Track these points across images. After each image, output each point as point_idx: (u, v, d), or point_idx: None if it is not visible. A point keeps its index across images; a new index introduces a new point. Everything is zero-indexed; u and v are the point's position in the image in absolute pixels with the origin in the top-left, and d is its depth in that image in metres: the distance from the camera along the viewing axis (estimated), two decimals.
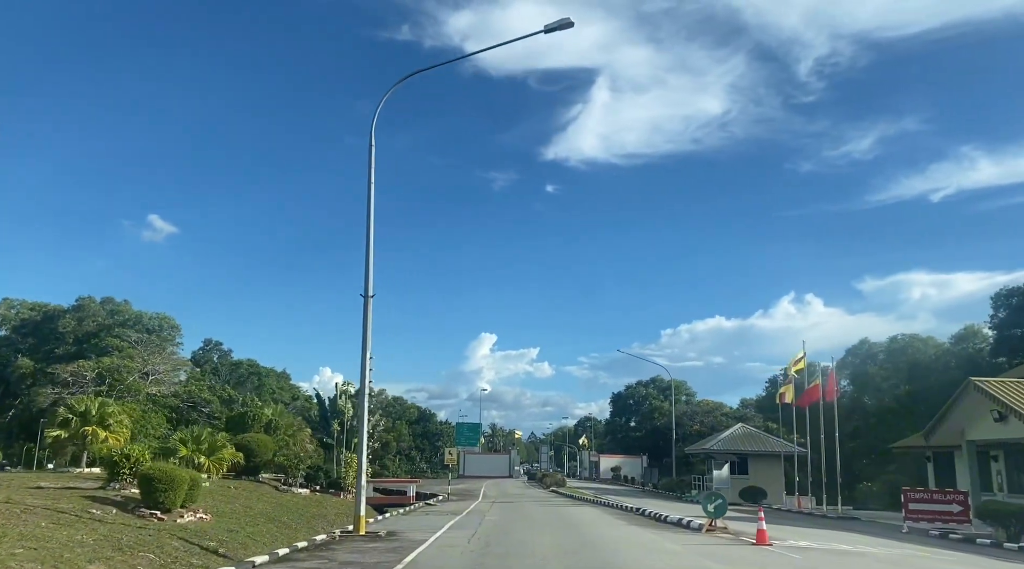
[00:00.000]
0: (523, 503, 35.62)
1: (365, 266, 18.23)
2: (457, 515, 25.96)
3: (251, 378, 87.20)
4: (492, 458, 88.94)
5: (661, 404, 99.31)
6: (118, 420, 28.81)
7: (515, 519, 24.95)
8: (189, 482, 19.71)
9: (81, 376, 48.63)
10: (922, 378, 56.92)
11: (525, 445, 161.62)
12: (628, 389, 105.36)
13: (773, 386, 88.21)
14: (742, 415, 77.69)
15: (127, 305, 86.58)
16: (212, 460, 26.29)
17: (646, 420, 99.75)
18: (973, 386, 26.55)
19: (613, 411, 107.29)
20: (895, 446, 38.93)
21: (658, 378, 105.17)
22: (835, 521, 29.09)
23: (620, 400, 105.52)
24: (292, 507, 26.84)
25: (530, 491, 51.01)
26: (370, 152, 18.37)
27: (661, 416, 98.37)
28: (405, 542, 16.41)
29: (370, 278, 18.18)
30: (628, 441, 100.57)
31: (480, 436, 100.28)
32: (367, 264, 18.22)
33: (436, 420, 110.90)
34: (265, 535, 19.98)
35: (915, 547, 18.05)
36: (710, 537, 18.07)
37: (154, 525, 17.79)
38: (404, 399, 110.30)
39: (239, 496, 26.03)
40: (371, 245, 18.28)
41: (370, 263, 18.22)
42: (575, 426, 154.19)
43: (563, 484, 55.12)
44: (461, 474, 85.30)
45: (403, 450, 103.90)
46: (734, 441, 47.30)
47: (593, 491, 50.93)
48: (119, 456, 21.45)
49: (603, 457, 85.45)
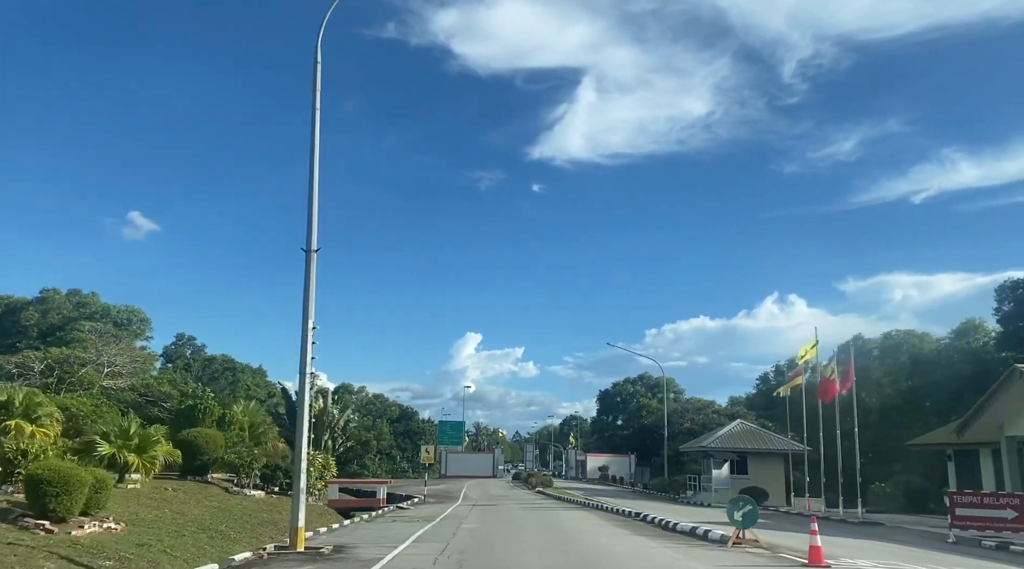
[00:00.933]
0: (507, 506, 31.80)
1: (308, 215, 14.35)
2: (429, 522, 22.03)
3: (225, 374, 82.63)
4: (475, 457, 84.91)
5: (649, 402, 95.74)
6: (48, 413, 24.53)
7: (497, 527, 21.12)
8: (93, 484, 15.72)
9: (28, 368, 44.18)
10: (925, 374, 53.74)
11: (510, 444, 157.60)
12: (615, 387, 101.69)
13: (765, 383, 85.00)
14: (734, 413, 74.16)
15: (95, 297, 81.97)
16: (144, 458, 22.18)
17: (633, 418, 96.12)
18: (1019, 373, 23.09)
19: (600, 409, 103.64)
20: (913, 443, 35.45)
21: (646, 375, 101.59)
22: (859, 527, 25.41)
23: (607, 398, 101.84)
24: (239, 513, 22.82)
25: (515, 492, 47.16)
26: (315, 71, 14.44)
27: (649, 414, 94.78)
28: (351, 563, 12.49)
29: (314, 229, 14.29)
30: (615, 440, 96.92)
31: (464, 435, 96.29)
32: (310, 213, 14.34)
33: (418, 419, 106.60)
34: (189, 548, 15.97)
35: (995, 565, 14.39)
36: (741, 553, 14.25)
37: (34, 540, 13.77)
38: (385, 397, 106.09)
39: (174, 500, 21.94)
40: (315, 189, 14.40)
41: (314, 211, 14.34)
42: (560, 425, 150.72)
43: (550, 484, 51.41)
44: (443, 474, 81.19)
45: (384, 449, 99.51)
46: (733, 438, 43.65)
47: (582, 492, 47.15)
48: (14, 452, 17.42)
49: (590, 456, 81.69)
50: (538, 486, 49.23)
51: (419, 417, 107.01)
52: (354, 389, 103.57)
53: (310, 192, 14.30)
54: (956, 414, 47.41)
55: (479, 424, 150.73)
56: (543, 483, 50.50)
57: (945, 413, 49.35)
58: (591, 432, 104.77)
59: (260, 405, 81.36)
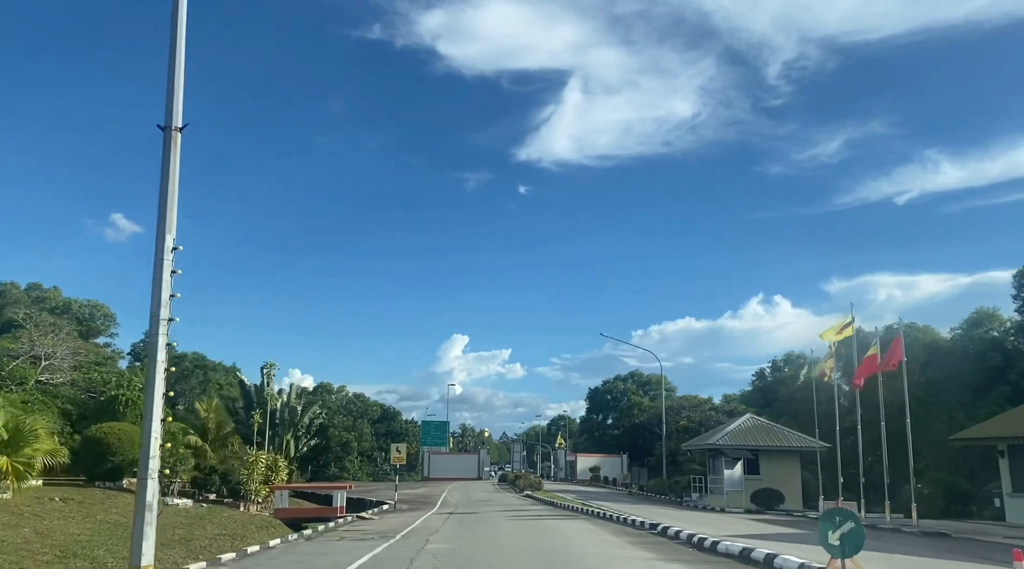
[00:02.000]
0: (491, 515, 26.52)
1: (169, 82, 9.08)
2: (387, 540, 16.71)
3: (196, 372, 76.77)
4: (460, 458, 79.52)
5: (641, 399, 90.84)
6: None
7: (474, 544, 15.93)
8: None
9: None
10: (942, 365, 49.13)
11: (497, 446, 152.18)
12: (605, 384, 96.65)
13: (761, 379, 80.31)
14: (731, 410, 69.51)
15: (56, 292, 76.11)
16: (15, 459, 16.78)
17: (624, 416, 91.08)
18: None
19: (589, 408, 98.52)
20: (957, 438, 30.52)
21: (637, 372, 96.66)
22: (925, 540, 20.32)
23: (597, 396, 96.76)
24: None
25: (501, 496, 42.01)
26: None
27: (641, 412, 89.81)
28: None
29: (177, 100, 9.01)
30: (606, 439, 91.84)
31: (448, 435, 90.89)
32: (171, 79, 9.06)
33: (401, 419, 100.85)
34: None
35: None
36: None
37: None
38: (367, 396, 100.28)
39: (48, 514, 16.52)
40: (179, 46, 9.14)
41: (178, 75, 9.07)
42: (548, 425, 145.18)
43: (539, 486, 46.24)
44: (426, 476, 75.81)
45: (365, 451, 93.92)
46: (743, 434, 38.63)
47: (575, 495, 42.03)
48: None
49: (580, 457, 76.52)
50: (526, 489, 44.15)
51: (402, 418, 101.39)
52: (333, 388, 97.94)
53: (172, 50, 9.09)
54: (982, 406, 42.97)
55: (465, 425, 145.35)
56: (532, 485, 45.39)
57: (969, 405, 44.82)
58: (580, 432, 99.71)
59: (230, 403, 75.94)
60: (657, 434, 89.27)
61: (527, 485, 44.95)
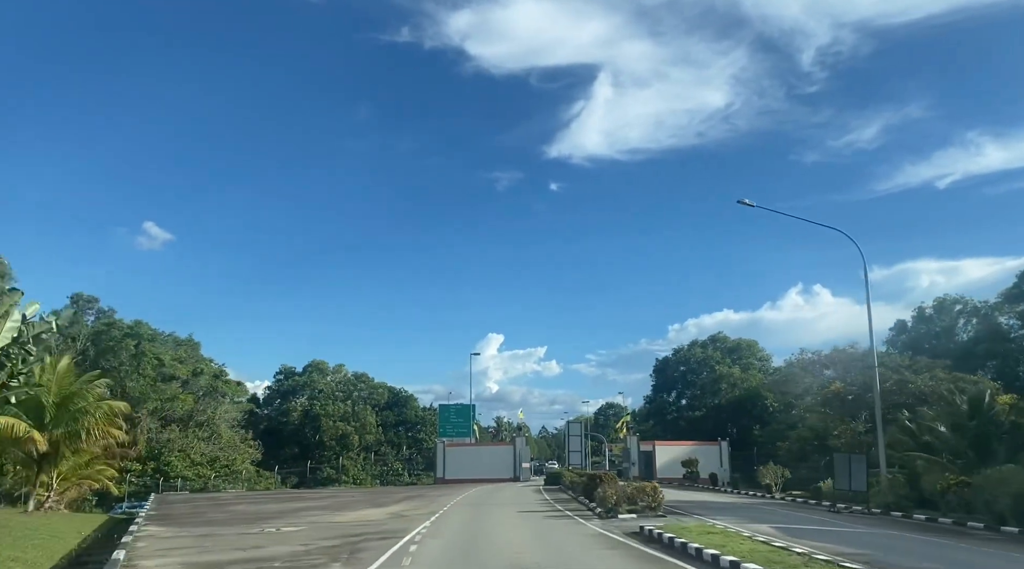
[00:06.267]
0: None
1: None
2: None
3: (125, 342, 54.34)
4: (487, 452, 55.39)
5: (729, 370, 65.88)
6: None
7: None
8: None
9: None
10: None
11: (536, 441, 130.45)
12: (677, 353, 71.89)
13: (901, 332, 55.89)
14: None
15: None
16: None
17: (706, 393, 66.38)
18: None
19: (656, 384, 73.76)
20: None
21: (720, 336, 71.68)
22: None
23: (667, 369, 72.08)
24: None
25: (559, 530, 18.10)
26: None
27: (731, 387, 65.05)
28: None
29: None
30: (679, 424, 67.38)
31: (473, 423, 67.07)
32: None
33: (416, 405, 77.57)
34: None
35: None
36: None
37: None
38: (370, 377, 76.97)
39: None
40: None
41: None
42: (596, 414, 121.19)
43: (656, 500, 20.85)
44: (441, 478, 52.20)
45: (369, 445, 70.71)
46: None
47: (730, 517, 18.00)
48: None
49: (660, 445, 51.80)
50: (619, 505, 19.50)
51: (417, 403, 77.98)
52: (328, 368, 74.87)
53: None
54: None
55: (500, 418, 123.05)
56: (632, 497, 19.82)
57: None
58: (646, 416, 74.90)
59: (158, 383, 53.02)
60: (756, 415, 64.52)
61: (618, 495, 20.06)
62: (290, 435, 69.42)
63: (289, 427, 69.69)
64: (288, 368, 74.80)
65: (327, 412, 68.80)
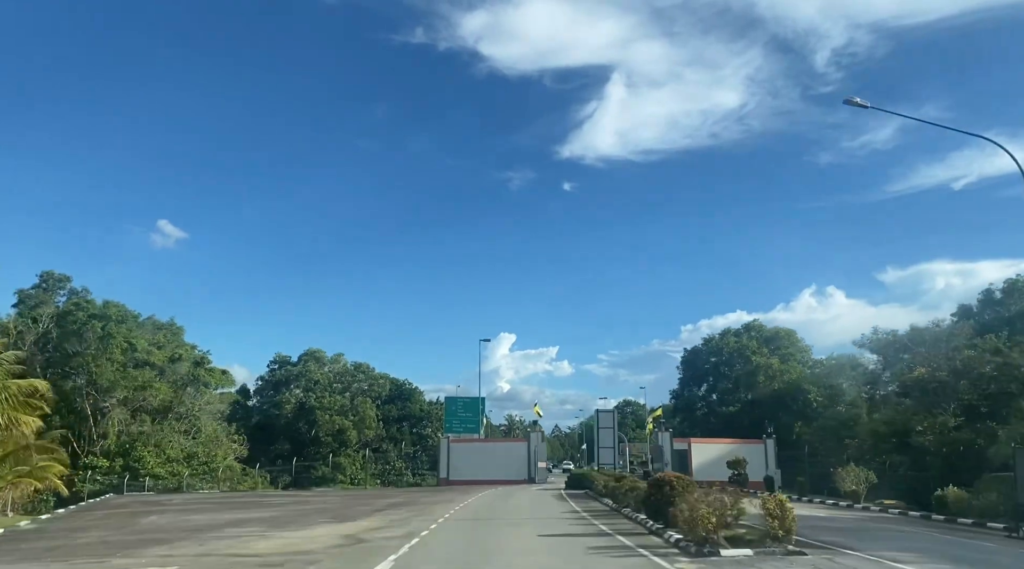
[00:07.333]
0: None
1: None
2: None
3: (91, 323, 48.31)
4: (499, 449, 48.86)
5: (768, 360, 58.98)
6: None
7: None
8: None
9: None
10: None
11: (550, 440, 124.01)
12: (708, 343, 65.05)
13: (966, 316, 48.88)
14: None
15: None
16: None
17: (742, 387, 59.57)
18: None
19: (683, 377, 66.93)
20: None
21: (756, 323, 64.77)
22: None
23: (696, 362, 65.27)
24: None
25: None
26: None
27: (769, 380, 58.14)
28: None
29: None
30: (710, 420, 60.64)
31: (482, 417, 60.61)
32: None
33: (421, 399, 71.14)
34: None
35: None
36: None
37: None
38: (370, 367, 70.64)
39: None
40: None
41: None
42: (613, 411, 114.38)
43: (782, 524, 12.64)
44: (444, 479, 45.71)
45: (369, 441, 64.33)
46: None
47: (900, 549, 11.56)
48: None
49: (696, 443, 44.99)
50: (719, 528, 12.39)
51: (422, 397, 71.52)
52: (325, 358, 68.61)
53: None
54: None
55: (512, 416, 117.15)
56: (722, 521, 12.31)
57: None
58: (671, 412, 68.05)
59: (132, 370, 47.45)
60: (797, 411, 57.59)
61: (721, 520, 12.21)
62: (283, 430, 63.19)
63: (282, 421, 63.44)
64: (283, 357, 68.61)
65: (323, 405, 62.48)
